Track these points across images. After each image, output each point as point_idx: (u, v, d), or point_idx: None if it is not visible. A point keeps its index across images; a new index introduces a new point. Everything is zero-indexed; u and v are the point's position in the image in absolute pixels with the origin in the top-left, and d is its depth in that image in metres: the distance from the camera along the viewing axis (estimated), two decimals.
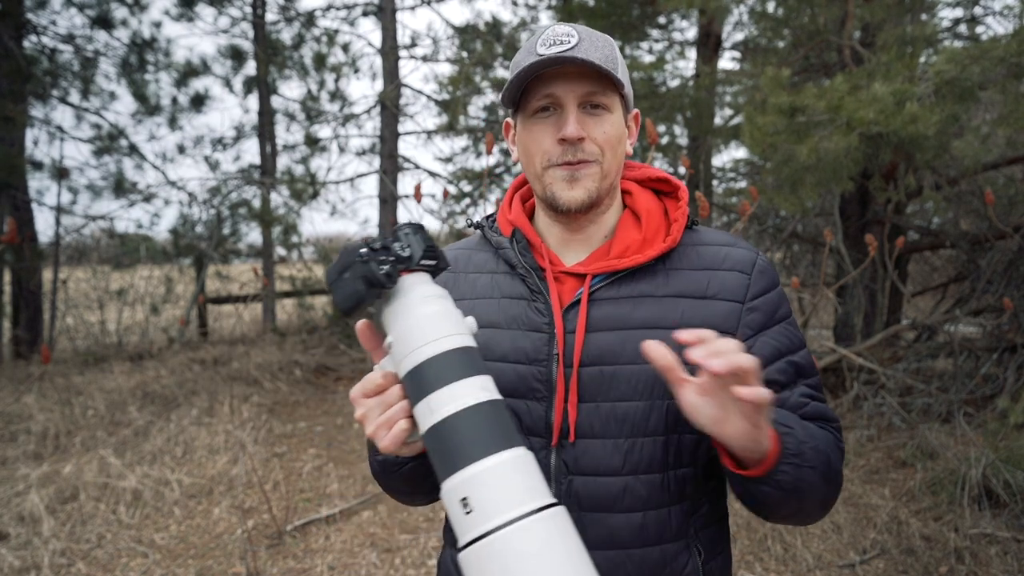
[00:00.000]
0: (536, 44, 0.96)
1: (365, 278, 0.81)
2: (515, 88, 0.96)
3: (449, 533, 1.08)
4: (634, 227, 1.03)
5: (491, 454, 0.73)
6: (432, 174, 9.46)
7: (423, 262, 0.84)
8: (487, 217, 1.14)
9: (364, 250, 0.81)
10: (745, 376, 0.74)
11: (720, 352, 0.73)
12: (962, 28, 6.23)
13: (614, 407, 0.95)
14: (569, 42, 0.94)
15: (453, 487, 0.74)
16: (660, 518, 0.96)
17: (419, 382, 0.78)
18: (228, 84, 9.80)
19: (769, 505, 0.90)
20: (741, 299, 0.98)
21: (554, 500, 0.73)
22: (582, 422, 0.95)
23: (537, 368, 0.97)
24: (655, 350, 0.79)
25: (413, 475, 0.97)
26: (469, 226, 1.14)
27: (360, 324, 0.86)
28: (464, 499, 0.72)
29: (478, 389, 0.77)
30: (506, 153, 8.47)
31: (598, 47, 0.95)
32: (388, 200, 8.61)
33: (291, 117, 10.23)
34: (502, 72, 8.79)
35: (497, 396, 0.79)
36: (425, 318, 0.80)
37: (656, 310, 0.97)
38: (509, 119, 1.07)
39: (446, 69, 16.72)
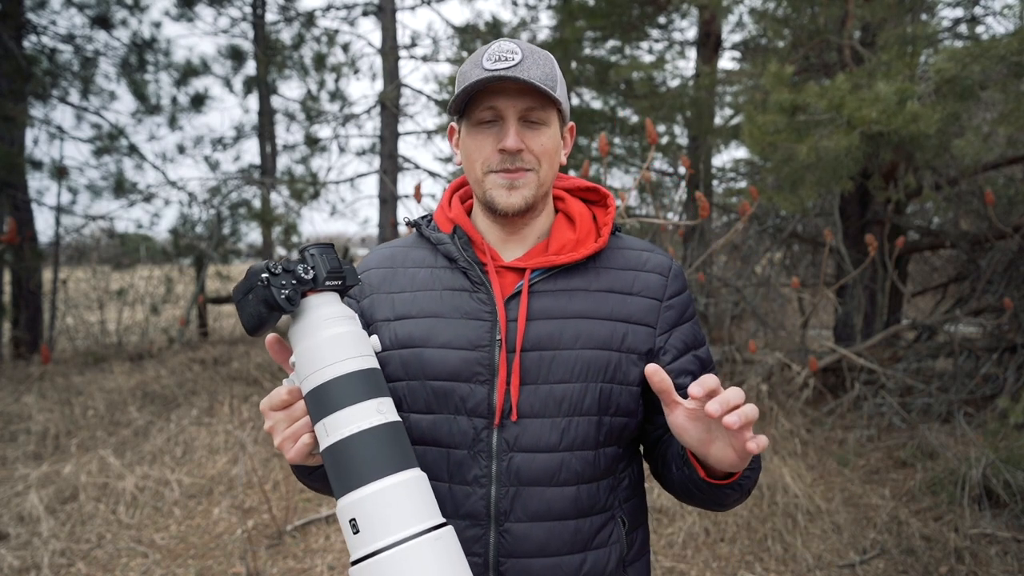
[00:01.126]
0: (482, 58, 1.02)
1: (266, 302, 0.83)
2: (461, 100, 1.04)
3: None
4: (568, 228, 1.13)
5: (380, 477, 0.77)
6: (432, 174, 9.47)
7: (328, 283, 0.87)
8: (423, 217, 1.20)
9: (265, 275, 0.83)
10: (749, 425, 0.83)
11: (729, 404, 0.82)
12: (962, 28, 6.23)
13: (552, 389, 1.03)
14: (513, 59, 1.01)
15: (343, 508, 0.78)
16: (591, 491, 1.05)
17: (317, 403, 0.81)
18: (228, 84, 9.80)
19: (725, 504, 1.04)
20: (660, 298, 1.11)
21: (442, 520, 0.78)
22: (523, 403, 1.03)
23: (480, 353, 1.04)
24: (656, 373, 0.88)
25: (325, 479, 1.02)
26: (407, 224, 1.21)
27: (269, 338, 0.90)
28: (352, 520, 0.76)
29: (372, 413, 0.80)
30: None
31: (539, 65, 1.02)
32: (388, 200, 8.61)
33: (291, 117, 10.23)
34: None
35: (394, 418, 0.82)
36: (326, 340, 0.83)
37: (589, 302, 1.07)
38: (453, 124, 1.13)
39: (446, 69, 16.72)
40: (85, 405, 5.68)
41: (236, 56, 9.63)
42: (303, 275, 0.86)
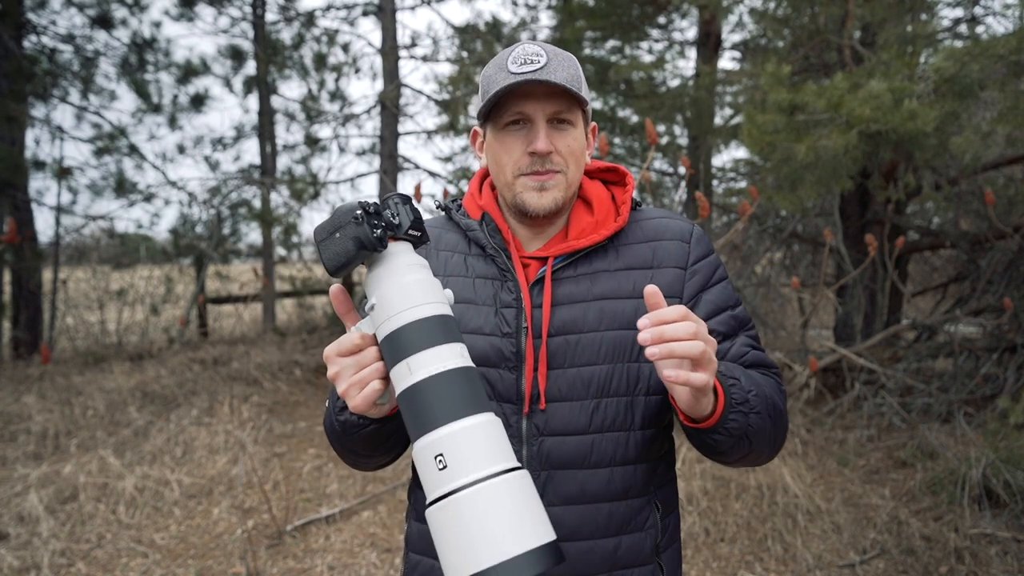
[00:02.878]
0: (507, 61, 1.03)
1: (357, 239, 0.83)
2: (489, 104, 1.05)
3: (416, 505, 1.15)
4: (586, 213, 1.14)
5: (466, 416, 0.78)
6: (432, 174, 9.46)
7: (410, 232, 0.88)
8: (452, 200, 1.21)
9: (359, 212, 0.83)
10: (695, 361, 0.83)
11: (663, 336, 0.82)
12: (962, 28, 6.22)
13: (579, 372, 1.04)
14: (539, 61, 1.01)
15: (428, 444, 0.78)
16: (626, 474, 1.05)
17: (400, 344, 0.81)
18: (228, 84, 9.79)
19: (723, 451, 0.99)
20: (684, 265, 1.10)
21: (518, 464, 0.79)
22: (551, 387, 1.04)
23: (508, 340, 1.06)
24: (653, 295, 0.86)
25: (373, 437, 1.01)
26: (438, 208, 1.22)
27: (335, 288, 0.90)
28: (439, 455, 0.76)
29: (457, 356, 0.81)
30: None
31: (564, 67, 1.03)
32: None
33: (291, 117, 10.22)
34: None
35: (471, 364, 0.83)
36: (410, 284, 0.83)
37: (612, 283, 1.08)
38: (477, 128, 1.14)
39: (446, 69, 16.74)
40: (85, 405, 5.68)
41: (236, 56, 9.62)
42: (392, 219, 0.86)
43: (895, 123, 3.61)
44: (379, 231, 0.84)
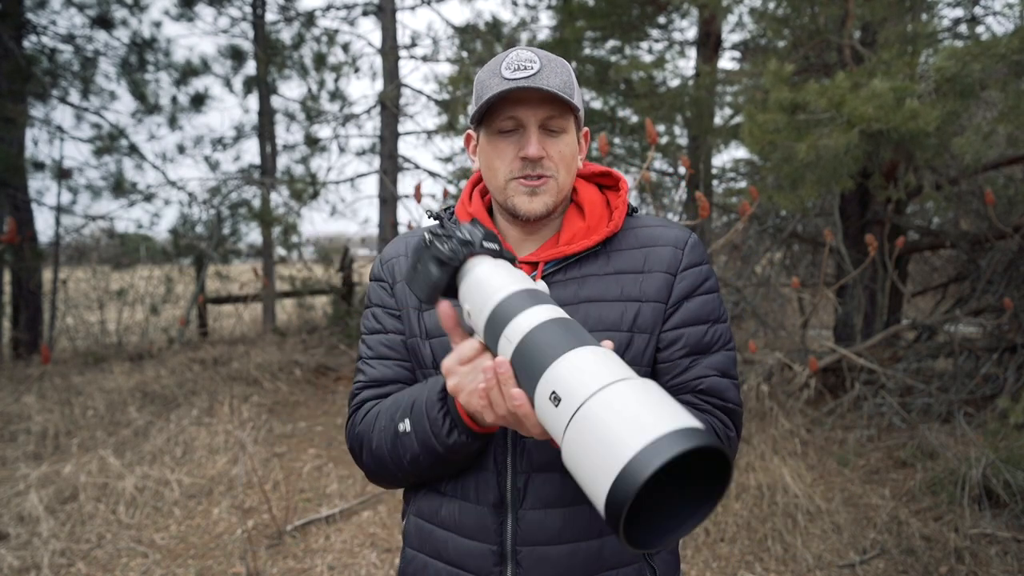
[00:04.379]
0: (501, 67, 1.05)
1: (436, 258, 0.88)
2: (482, 109, 1.06)
3: (414, 501, 1.16)
4: (578, 218, 1.14)
5: (568, 351, 0.75)
6: (432, 174, 9.46)
7: (486, 244, 0.91)
8: (445, 209, 1.22)
9: (427, 237, 0.89)
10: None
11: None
12: (962, 28, 6.22)
13: None
14: (532, 68, 1.03)
15: (541, 392, 0.75)
16: None
17: (495, 323, 0.83)
18: (228, 84, 9.79)
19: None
20: (674, 271, 1.10)
21: (639, 377, 0.73)
22: None
23: None
24: None
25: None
26: (429, 217, 1.22)
27: (443, 304, 0.91)
28: (552, 393, 0.73)
29: (548, 312, 0.81)
30: None
31: (557, 73, 1.04)
32: (388, 200, 8.60)
33: (291, 117, 10.22)
34: None
35: (566, 316, 0.83)
36: (492, 274, 0.87)
37: (599, 286, 1.08)
38: (471, 131, 1.16)
39: (446, 69, 16.71)
40: (85, 405, 5.68)
41: (236, 56, 9.62)
42: (460, 235, 0.90)
43: (897, 122, 3.61)
44: (451, 243, 0.88)
